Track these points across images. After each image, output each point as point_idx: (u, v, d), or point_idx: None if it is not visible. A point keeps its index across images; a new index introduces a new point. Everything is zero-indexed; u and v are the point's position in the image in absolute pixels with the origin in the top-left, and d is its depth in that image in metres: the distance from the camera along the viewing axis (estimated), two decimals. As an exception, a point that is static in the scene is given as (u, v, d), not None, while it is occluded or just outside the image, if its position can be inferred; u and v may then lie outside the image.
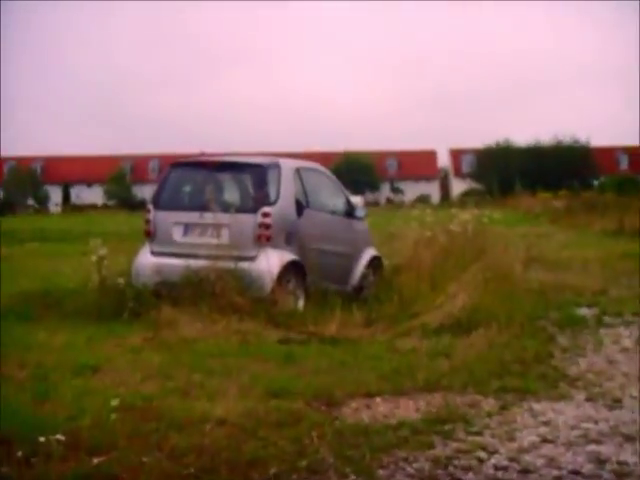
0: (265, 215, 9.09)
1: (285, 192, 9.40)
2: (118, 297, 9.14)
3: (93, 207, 77.41)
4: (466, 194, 67.37)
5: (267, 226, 9.07)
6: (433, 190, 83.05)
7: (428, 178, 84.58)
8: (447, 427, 5.13)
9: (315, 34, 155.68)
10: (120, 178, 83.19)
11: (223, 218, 9.07)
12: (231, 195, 9.84)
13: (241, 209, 9.25)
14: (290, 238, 9.32)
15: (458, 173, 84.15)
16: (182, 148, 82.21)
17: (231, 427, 4.99)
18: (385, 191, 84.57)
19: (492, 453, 4.65)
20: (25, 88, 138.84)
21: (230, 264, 8.86)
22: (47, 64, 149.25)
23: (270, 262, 8.91)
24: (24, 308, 9.48)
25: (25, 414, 5.06)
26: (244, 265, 8.93)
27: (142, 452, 4.47)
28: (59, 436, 4.37)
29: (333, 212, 10.42)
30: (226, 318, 8.33)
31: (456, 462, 4.49)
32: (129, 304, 8.92)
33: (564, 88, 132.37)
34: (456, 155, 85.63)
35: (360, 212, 10.72)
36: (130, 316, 8.82)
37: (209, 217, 9.16)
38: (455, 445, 4.78)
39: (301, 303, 9.25)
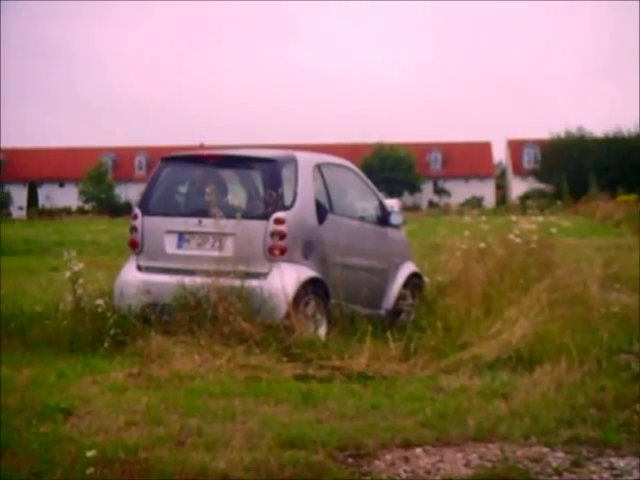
0: (279, 222, 9.17)
1: (303, 193, 9.50)
2: (97, 323, 9.24)
3: (66, 211, 78.32)
4: (528, 196, 67.27)
5: (281, 235, 9.14)
6: (487, 191, 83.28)
7: (481, 177, 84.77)
8: None
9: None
10: (100, 176, 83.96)
11: (227, 225, 9.14)
12: (237, 197, 9.93)
13: (249, 214, 9.36)
14: (309, 250, 9.42)
15: (518, 170, 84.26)
16: (177, 140, 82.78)
17: None
18: (427, 192, 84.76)
19: None
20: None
21: (236, 282, 8.96)
22: (13, 37, 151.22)
23: (285, 280, 8.98)
24: None
25: None
26: (253, 283, 9.03)
27: None
28: None
29: (362, 218, 10.53)
30: (230, 349, 8.40)
31: None
32: (110, 331, 9.00)
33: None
34: (516, 148, 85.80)
35: (396, 219, 10.78)
36: (111, 346, 8.90)
37: (210, 224, 9.25)
38: None
39: (323, 330, 9.33)
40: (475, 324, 8.90)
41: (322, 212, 9.64)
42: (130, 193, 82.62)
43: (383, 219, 10.65)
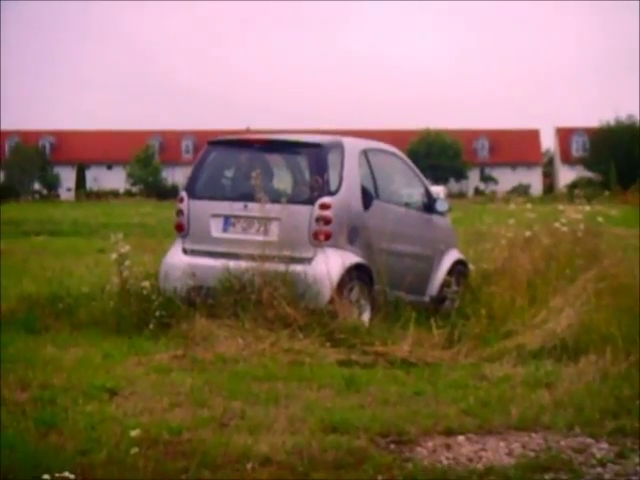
0: (324, 207, 9.23)
1: (349, 179, 9.55)
2: (142, 305, 9.38)
3: (114, 194, 79.04)
4: (576, 185, 66.87)
5: (327, 220, 9.21)
6: (534, 179, 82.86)
7: (528, 164, 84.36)
8: (548, 476, 5.13)
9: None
10: (147, 159, 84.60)
11: (272, 210, 9.24)
12: (282, 182, 10.04)
13: (295, 199, 9.43)
14: (354, 236, 9.45)
15: (567, 158, 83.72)
16: (224, 124, 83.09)
17: (278, 467, 5.10)
18: (474, 180, 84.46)
19: None
20: (32, 50, 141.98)
21: (280, 266, 9.04)
22: (60, 22, 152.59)
23: (330, 265, 9.06)
24: (29, 316, 9.79)
25: (27, 446, 5.21)
26: (297, 268, 9.09)
27: None
28: (67, 474, 4.47)
29: (408, 205, 10.57)
30: (274, 333, 8.51)
31: None
32: (156, 313, 9.13)
33: None
34: (564, 135, 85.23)
35: (442, 205, 10.80)
36: (157, 328, 9.05)
37: (255, 209, 9.34)
38: None
39: (366, 316, 9.39)
40: (520, 313, 8.90)
41: (368, 198, 9.68)
42: (177, 176, 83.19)
43: (429, 206, 10.67)
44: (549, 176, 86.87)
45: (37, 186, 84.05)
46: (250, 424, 5.95)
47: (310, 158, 9.68)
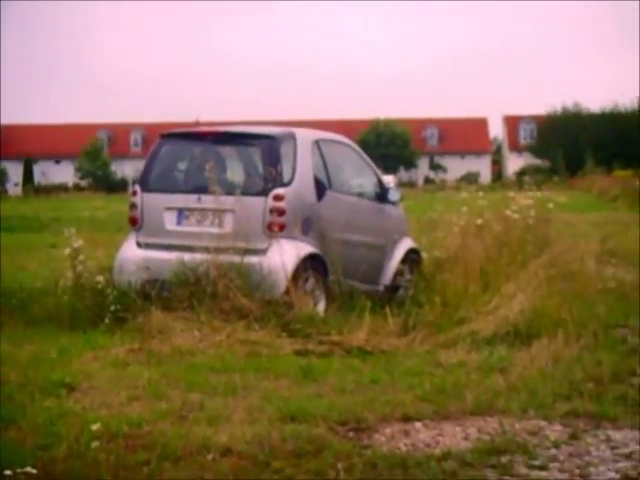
0: (278, 198, 9.25)
1: (302, 170, 9.58)
2: (97, 299, 9.35)
3: (62, 188, 78.29)
4: (525, 172, 67.42)
5: (280, 212, 9.24)
6: (483, 167, 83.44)
7: (477, 153, 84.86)
8: (504, 459, 5.21)
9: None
10: (95, 152, 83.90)
11: (226, 202, 9.24)
12: (236, 174, 10.04)
13: (248, 191, 9.45)
14: (308, 226, 9.49)
15: (514, 146, 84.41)
16: (172, 117, 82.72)
17: (238, 457, 5.13)
18: (423, 168, 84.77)
19: None
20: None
21: (235, 258, 9.05)
22: (10, 14, 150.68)
23: (284, 256, 9.07)
24: None
25: None
26: (252, 259, 9.11)
27: None
28: (29, 469, 4.47)
29: (361, 194, 10.62)
30: (230, 325, 8.51)
31: None
32: (110, 308, 9.09)
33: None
34: (512, 123, 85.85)
35: (394, 195, 10.87)
36: (112, 322, 9.00)
37: (209, 201, 9.35)
38: None
39: (321, 306, 9.43)
40: (473, 299, 8.99)
41: (321, 188, 9.72)
42: (126, 169, 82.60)
43: (381, 195, 10.73)
44: (498, 164, 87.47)
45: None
46: (209, 415, 5.96)
47: (263, 150, 9.69)
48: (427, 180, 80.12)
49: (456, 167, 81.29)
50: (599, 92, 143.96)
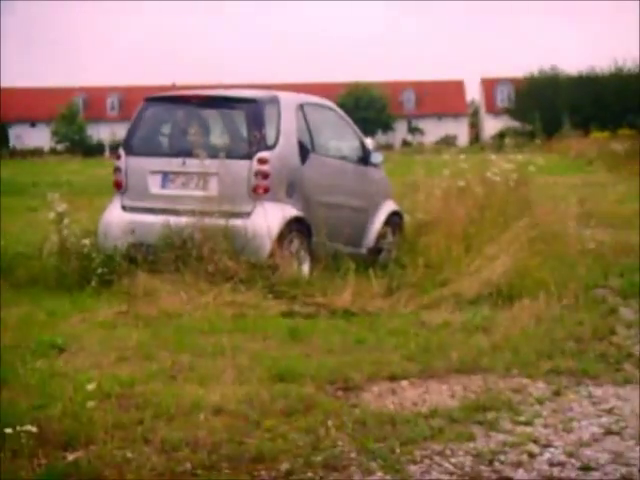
0: (262, 161, 9.29)
1: (286, 133, 9.61)
2: (83, 262, 9.34)
3: (38, 152, 77.65)
4: (502, 135, 67.47)
5: (265, 175, 9.28)
6: (460, 130, 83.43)
7: (454, 115, 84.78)
8: (489, 416, 5.32)
9: None
10: (71, 115, 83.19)
11: (211, 165, 9.28)
12: (220, 137, 10.10)
13: (233, 154, 9.45)
14: (292, 189, 9.54)
15: (491, 109, 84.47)
16: (149, 80, 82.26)
17: (230, 416, 5.20)
18: (401, 131, 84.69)
19: (545, 447, 4.84)
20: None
21: (220, 221, 9.09)
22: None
23: (269, 218, 9.12)
24: None
25: None
26: (237, 222, 9.16)
27: (126, 446, 4.67)
28: (29, 427, 4.54)
29: (344, 158, 10.67)
30: (216, 287, 8.56)
31: (502, 457, 4.68)
32: (97, 271, 9.11)
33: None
34: (489, 86, 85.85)
35: (377, 158, 10.94)
36: (98, 285, 9.03)
37: (194, 164, 9.38)
38: (500, 437, 4.98)
39: (306, 269, 9.51)
40: (456, 261, 9.10)
41: (304, 152, 9.75)
42: (102, 133, 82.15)
43: (364, 158, 10.77)
44: (475, 126, 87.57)
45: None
46: (199, 376, 6.03)
47: (247, 113, 9.70)
48: (405, 143, 79.99)
49: (433, 130, 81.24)
50: (576, 55, 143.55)
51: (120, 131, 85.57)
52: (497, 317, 7.76)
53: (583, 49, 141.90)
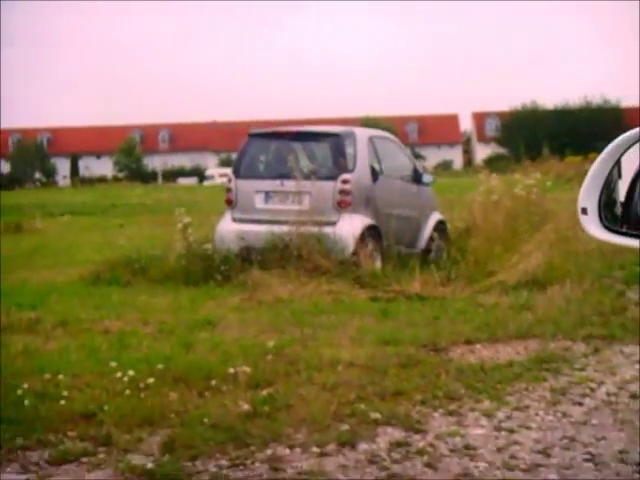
0: (345, 182, 9.87)
1: (361, 160, 10.16)
2: (206, 262, 9.88)
3: (102, 179, 78.21)
4: (490, 159, 67.96)
5: (347, 192, 9.84)
6: (456, 156, 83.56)
7: (451, 143, 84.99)
8: (551, 365, 5.97)
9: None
10: (130, 149, 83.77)
11: (304, 185, 9.87)
12: (310, 163, 10.60)
13: (321, 176, 10.02)
14: (367, 203, 10.09)
15: (482, 137, 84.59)
16: (191, 117, 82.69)
17: (361, 368, 5.80)
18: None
19: (600, 384, 5.53)
20: (28, 57, 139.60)
21: (313, 229, 9.66)
22: (51, 30, 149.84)
23: (351, 226, 9.72)
24: (113, 275, 10.26)
25: (184, 357, 6.02)
26: (326, 229, 9.70)
27: (299, 386, 5.38)
28: (245, 367, 5.28)
29: (403, 178, 11.10)
30: (314, 280, 9.10)
31: (571, 391, 5.39)
32: (219, 268, 9.66)
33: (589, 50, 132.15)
34: (479, 119, 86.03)
35: (427, 178, 11.43)
36: (221, 280, 9.56)
37: (290, 185, 9.97)
38: (565, 379, 5.66)
39: (379, 264, 9.98)
40: (498, 257, 9.51)
41: (375, 174, 10.29)
42: (155, 163, 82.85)
43: (417, 179, 11.24)
44: (468, 152, 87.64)
45: (37, 175, 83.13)
46: (324, 342, 6.58)
47: (331, 144, 10.27)
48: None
49: (433, 156, 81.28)
50: (553, 92, 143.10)
51: (171, 160, 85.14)
52: (536, 299, 8.26)
53: (557, 87, 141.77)
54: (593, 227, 1.77)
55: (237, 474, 4.10)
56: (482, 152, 79.69)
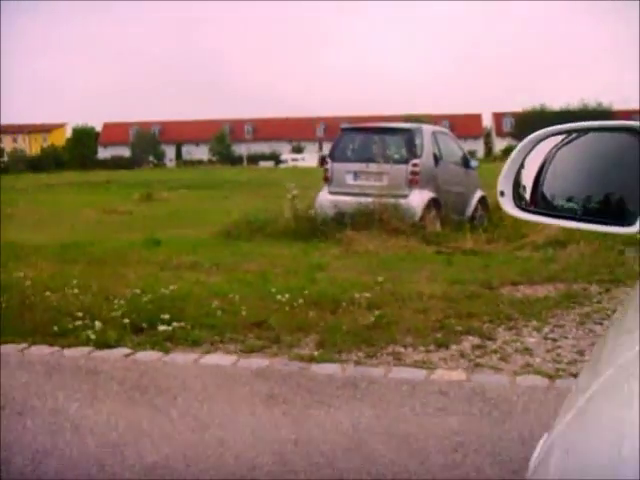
0: (415, 165, 10.29)
1: (426, 148, 10.55)
2: (310, 224, 10.39)
3: (200, 162, 79.30)
4: (507, 150, 67.20)
5: (416, 173, 10.27)
6: (479, 147, 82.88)
7: (474, 137, 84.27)
8: (576, 299, 6.41)
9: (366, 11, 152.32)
10: (222, 138, 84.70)
11: (384, 168, 10.32)
12: (388, 151, 10.93)
13: (396, 161, 10.45)
14: (430, 182, 10.49)
15: (500, 132, 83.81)
16: (270, 114, 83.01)
17: (440, 299, 6.28)
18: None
19: (613, 311, 5.98)
20: (146, 62, 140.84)
21: (390, 200, 10.10)
22: (161, 40, 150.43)
23: (419, 198, 10.19)
24: (238, 232, 10.79)
25: (312, 288, 6.62)
26: (401, 201, 10.14)
27: (399, 310, 5.99)
28: (366, 294, 5.88)
29: (456, 163, 11.41)
30: (393, 238, 9.54)
31: (593, 315, 5.89)
32: (321, 228, 10.14)
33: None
34: (498, 118, 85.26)
35: (474, 163, 11.75)
36: (321, 237, 10.01)
37: (373, 167, 10.41)
38: (587, 308, 6.11)
39: (438, 227, 10.38)
40: (528, 225, 9.54)
41: (436, 159, 10.67)
42: (241, 149, 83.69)
43: (466, 163, 11.58)
44: (488, 144, 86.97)
45: (151, 158, 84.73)
46: (408, 281, 7.00)
47: (404, 136, 10.65)
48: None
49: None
50: (557, 97, 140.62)
51: (253, 148, 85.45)
52: (558, 254, 8.60)
53: (564, 92, 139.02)
54: (509, 207, 1.65)
55: (372, 361, 4.76)
56: (500, 144, 78.88)
